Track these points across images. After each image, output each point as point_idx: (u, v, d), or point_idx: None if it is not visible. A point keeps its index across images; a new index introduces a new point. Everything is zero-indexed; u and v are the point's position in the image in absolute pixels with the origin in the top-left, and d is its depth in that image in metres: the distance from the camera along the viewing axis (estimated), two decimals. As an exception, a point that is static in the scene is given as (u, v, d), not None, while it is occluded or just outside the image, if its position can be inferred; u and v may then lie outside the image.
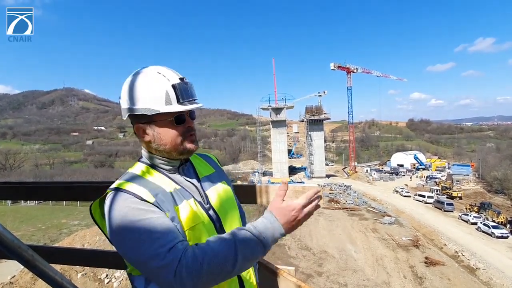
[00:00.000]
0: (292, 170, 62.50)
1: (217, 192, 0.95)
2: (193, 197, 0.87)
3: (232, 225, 0.93)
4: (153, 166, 0.89)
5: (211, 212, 0.88)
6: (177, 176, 0.90)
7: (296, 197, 1.35)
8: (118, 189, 0.77)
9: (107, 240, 0.78)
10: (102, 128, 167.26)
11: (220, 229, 0.88)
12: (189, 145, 0.87)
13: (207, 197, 0.91)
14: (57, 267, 6.20)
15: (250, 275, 0.95)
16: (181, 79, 0.85)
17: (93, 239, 10.78)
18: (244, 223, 1.05)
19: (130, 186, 0.78)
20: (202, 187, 0.92)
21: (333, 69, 61.54)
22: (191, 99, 0.85)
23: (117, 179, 0.84)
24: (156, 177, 0.85)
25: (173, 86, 0.81)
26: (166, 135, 0.84)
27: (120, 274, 7.80)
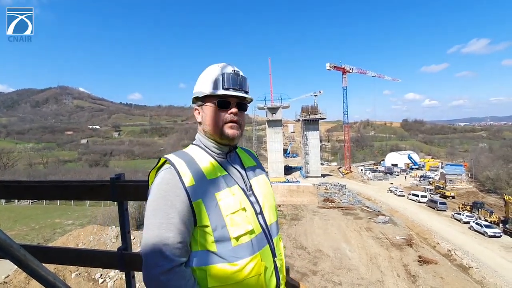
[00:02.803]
0: (288, 170, 62.61)
1: (259, 182, 1.03)
2: (238, 184, 0.94)
3: (270, 214, 0.99)
4: (204, 149, 0.97)
5: (252, 199, 0.95)
6: (224, 161, 0.98)
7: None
8: (171, 164, 0.87)
9: (101, 239, 0.82)
10: (97, 127, 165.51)
11: (260, 216, 0.94)
12: (227, 131, 0.95)
13: (250, 185, 0.99)
14: (51, 267, 6.15)
15: (282, 264, 1.03)
16: (234, 71, 0.96)
17: (87, 238, 10.68)
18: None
19: (180, 165, 0.86)
20: (247, 176, 1.00)
21: (328, 69, 61.74)
22: (238, 88, 0.95)
23: (173, 153, 0.93)
24: (205, 160, 0.93)
25: (223, 74, 0.94)
26: (210, 117, 0.95)
27: (114, 274, 7.76)
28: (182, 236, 0.80)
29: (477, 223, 25.01)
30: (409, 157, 72.82)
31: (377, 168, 69.98)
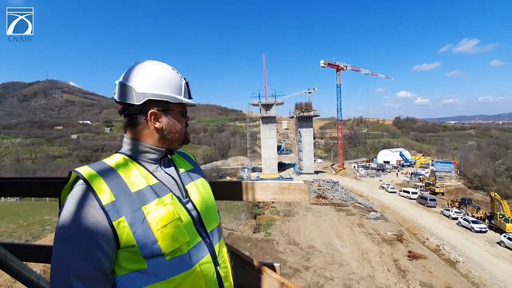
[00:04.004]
0: (282, 166, 62.86)
1: (197, 187, 0.94)
2: (172, 191, 0.84)
3: (211, 219, 0.92)
4: (133, 157, 0.85)
5: (189, 206, 0.86)
6: (156, 168, 0.87)
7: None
8: (83, 179, 0.72)
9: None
10: (88, 122, 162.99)
11: (199, 224, 0.87)
12: (188, 137, 0.95)
13: (186, 191, 0.89)
14: (38, 265, 6.03)
15: (228, 272, 0.94)
16: (185, 78, 0.94)
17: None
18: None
19: (95, 180, 0.72)
20: (182, 182, 0.90)
21: (323, 67, 61.91)
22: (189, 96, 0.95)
23: (88, 165, 0.78)
24: (131, 171, 0.81)
25: (186, 83, 0.93)
26: (176, 124, 0.90)
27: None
28: (98, 264, 0.68)
29: (464, 219, 25.59)
30: (401, 155, 73.90)
31: (369, 165, 70.84)
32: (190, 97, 0.94)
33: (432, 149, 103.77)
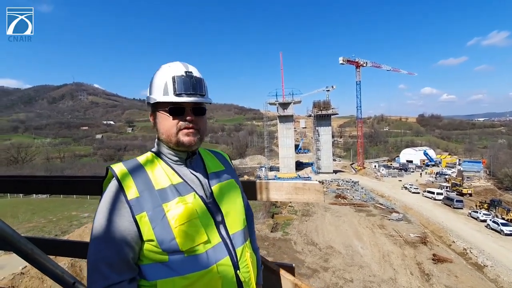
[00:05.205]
0: (299, 166, 62.34)
1: (224, 188, 0.94)
2: (195, 191, 0.86)
3: (235, 223, 0.91)
4: (160, 155, 0.91)
5: (213, 207, 0.87)
6: (182, 168, 0.90)
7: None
8: (114, 175, 0.81)
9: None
10: (111, 122, 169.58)
11: (221, 225, 0.87)
12: (183, 138, 0.85)
13: (211, 192, 0.90)
14: (68, 258, 6.35)
15: (250, 277, 0.91)
16: (187, 72, 0.85)
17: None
18: (250, 225, 1.04)
19: (124, 176, 0.81)
20: (208, 182, 0.92)
21: (341, 63, 60.72)
22: (191, 92, 0.84)
23: (122, 162, 0.87)
24: (157, 169, 0.86)
25: (173, 78, 0.83)
26: (163, 125, 0.87)
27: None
28: (122, 254, 0.75)
29: (494, 221, 24.36)
30: (425, 153, 71.08)
31: (391, 164, 68.75)
32: (188, 92, 0.84)
33: (459, 148, 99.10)
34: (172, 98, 0.83)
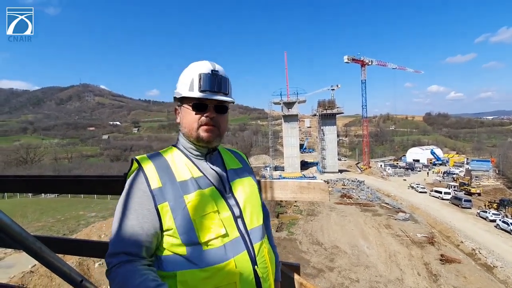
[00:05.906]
0: (304, 165, 62.16)
1: (242, 184, 0.97)
2: (214, 185, 0.89)
3: (253, 217, 0.93)
4: (182, 149, 0.95)
5: (232, 202, 0.90)
6: (202, 163, 0.94)
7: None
8: (139, 166, 0.86)
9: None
10: (117, 123, 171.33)
11: (239, 219, 0.89)
12: (202, 134, 0.90)
13: (230, 187, 0.93)
14: (76, 257, 6.45)
15: (268, 273, 0.92)
16: (213, 71, 0.90)
17: (110, 230, 11.13)
18: (266, 222, 1.05)
19: (148, 167, 0.85)
20: (227, 177, 0.95)
21: (346, 62, 60.32)
22: (216, 90, 0.89)
23: (146, 154, 0.93)
24: (179, 162, 0.90)
25: (199, 75, 0.88)
26: (186, 119, 0.92)
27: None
28: (139, 240, 0.78)
29: (503, 221, 23.93)
30: (432, 152, 70.26)
31: (397, 163, 68.09)
32: (213, 90, 0.89)
33: (467, 147, 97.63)
34: (196, 94, 0.88)
